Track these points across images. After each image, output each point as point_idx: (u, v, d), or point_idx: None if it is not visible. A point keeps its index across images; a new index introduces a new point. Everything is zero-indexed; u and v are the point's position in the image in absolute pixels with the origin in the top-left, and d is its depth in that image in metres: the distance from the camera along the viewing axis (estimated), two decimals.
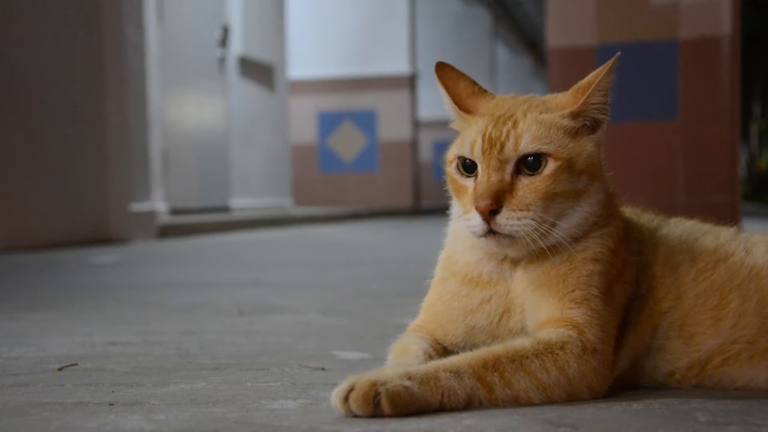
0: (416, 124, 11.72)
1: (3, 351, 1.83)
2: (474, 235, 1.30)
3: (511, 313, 1.34)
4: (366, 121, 11.49)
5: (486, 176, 1.29)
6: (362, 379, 1.17)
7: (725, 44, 4.19)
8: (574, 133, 1.32)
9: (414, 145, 11.59)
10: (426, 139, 14.01)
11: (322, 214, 9.28)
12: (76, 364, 1.65)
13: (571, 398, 1.25)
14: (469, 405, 1.21)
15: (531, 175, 1.29)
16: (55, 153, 5.47)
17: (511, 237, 1.28)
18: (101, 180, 5.82)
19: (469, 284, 1.37)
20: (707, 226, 1.49)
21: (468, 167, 1.33)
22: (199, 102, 8.24)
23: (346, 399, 1.16)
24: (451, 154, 1.36)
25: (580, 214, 1.32)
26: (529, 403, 1.23)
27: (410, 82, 11.42)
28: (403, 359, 1.35)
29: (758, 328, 1.35)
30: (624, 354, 1.34)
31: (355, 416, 1.16)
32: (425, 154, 13.99)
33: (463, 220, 1.31)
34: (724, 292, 1.37)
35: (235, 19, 8.91)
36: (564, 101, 1.35)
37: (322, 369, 1.57)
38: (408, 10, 11.51)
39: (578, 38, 4.29)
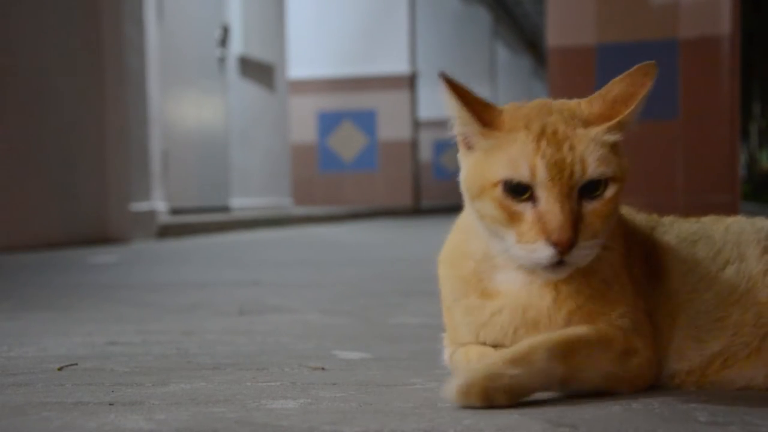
0: (416, 124, 11.71)
1: (3, 351, 1.83)
2: (533, 265, 1.24)
3: (538, 327, 1.30)
4: (366, 120, 11.49)
5: (558, 205, 1.20)
6: (477, 376, 1.19)
7: (725, 44, 4.19)
8: (616, 147, 1.27)
9: (414, 145, 11.59)
10: (426, 139, 14.00)
11: (322, 214, 9.28)
12: (76, 364, 1.65)
13: (611, 391, 1.29)
14: (560, 388, 1.26)
15: (593, 198, 1.23)
16: (55, 152, 5.47)
17: (575, 265, 1.24)
18: (101, 179, 5.82)
19: (485, 297, 1.35)
20: (698, 226, 1.47)
21: (517, 190, 1.23)
22: (199, 102, 8.24)
23: (466, 393, 1.19)
24: (493, 177, 1.23)
25: (611, 226, 1.29)
26: (583, 390, 1.27)
27: (410, 81, 11.42)
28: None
29: (754, 336, 1.35)
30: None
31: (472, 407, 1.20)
32: (425, 154, 13.99)
33: (521, 249, 1.23)
34: (726, 305, 1.36)
35: (235, 18, 8.91)
36: (596, 112, 1.27)
37: (322, 369, 1.57)
38: (408, 10, 11.51)
39: (578, 38, 4.29)
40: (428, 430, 1.12)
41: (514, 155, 1.22)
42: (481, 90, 16.99)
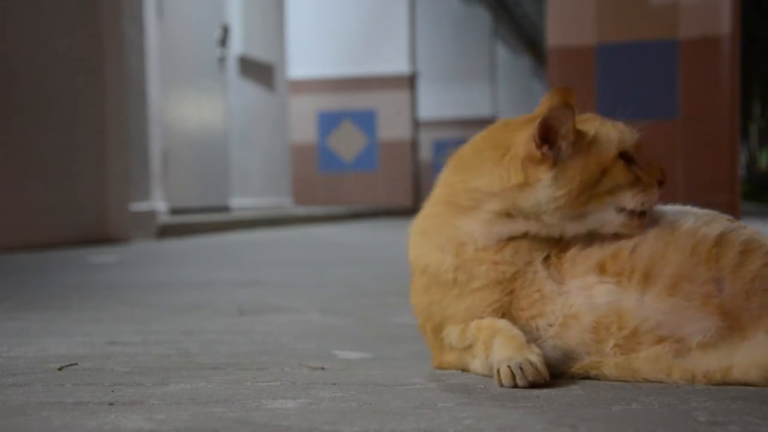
0: (416, 124, 11.71)
1: (3, 351, 1.83)
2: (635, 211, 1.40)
3: None
4: (366, 120, 11.49)
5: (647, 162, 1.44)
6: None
7: (725, 44, 4.19)
8: None
9: (414, 145, 11.59)
10: (426, 139, 14.00)
11: (322, 214, 9.28)
12: (76, 364, 1.65)
13: None
14: None
15: None
16: (55, 153, 5.47)
17: None
18: (101, 179, 5.82)
19: None
20: None
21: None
22: (199, 102, 8.23)
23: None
24: (608, 156, 1.40)
25: None
26: None
27: (410, 81, 11.42)
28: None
29: None
30: None
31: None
32: (425, 153, 13.99)
33: (636, 201, 1.39)
34: None
35: (235, 18, 8.91)
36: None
37: (322, 369, 1.57)
38: (408, 10, 11.51)
39: (578, 38, 4.28)
40: (428, 430, 1.12)
41: (612, 137, 1.43)
42: (481, 90, 16.87)
